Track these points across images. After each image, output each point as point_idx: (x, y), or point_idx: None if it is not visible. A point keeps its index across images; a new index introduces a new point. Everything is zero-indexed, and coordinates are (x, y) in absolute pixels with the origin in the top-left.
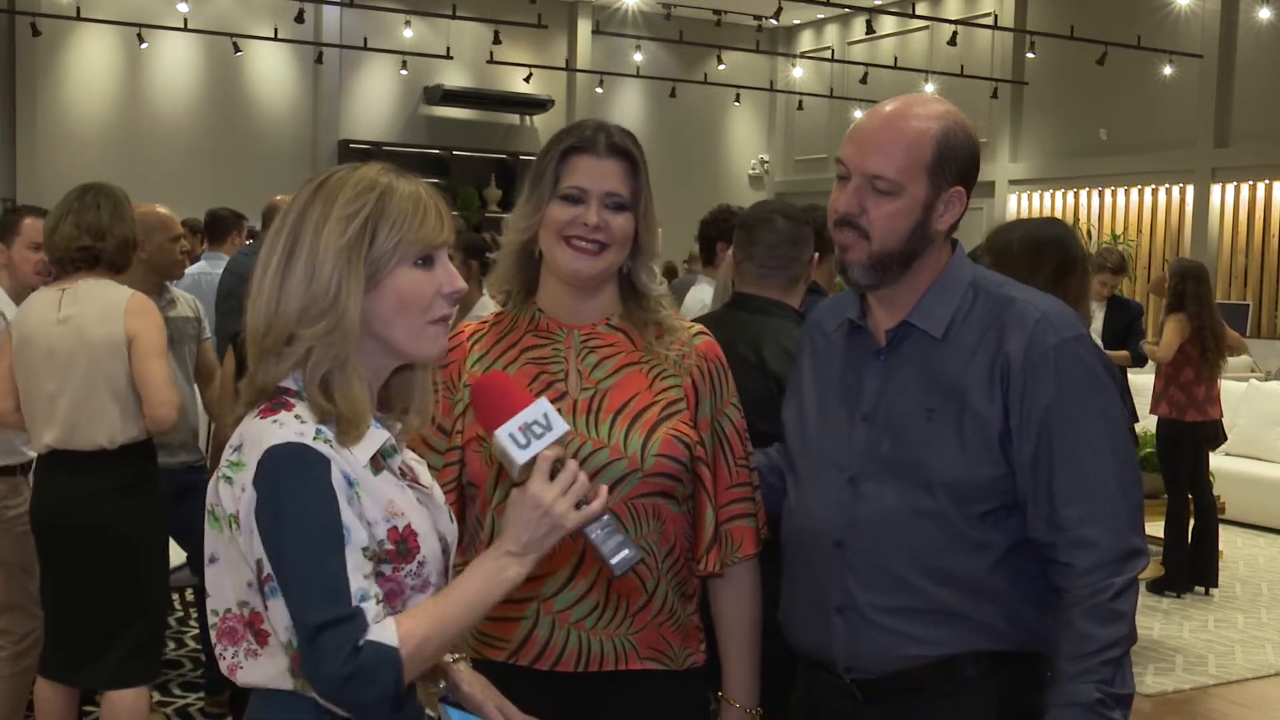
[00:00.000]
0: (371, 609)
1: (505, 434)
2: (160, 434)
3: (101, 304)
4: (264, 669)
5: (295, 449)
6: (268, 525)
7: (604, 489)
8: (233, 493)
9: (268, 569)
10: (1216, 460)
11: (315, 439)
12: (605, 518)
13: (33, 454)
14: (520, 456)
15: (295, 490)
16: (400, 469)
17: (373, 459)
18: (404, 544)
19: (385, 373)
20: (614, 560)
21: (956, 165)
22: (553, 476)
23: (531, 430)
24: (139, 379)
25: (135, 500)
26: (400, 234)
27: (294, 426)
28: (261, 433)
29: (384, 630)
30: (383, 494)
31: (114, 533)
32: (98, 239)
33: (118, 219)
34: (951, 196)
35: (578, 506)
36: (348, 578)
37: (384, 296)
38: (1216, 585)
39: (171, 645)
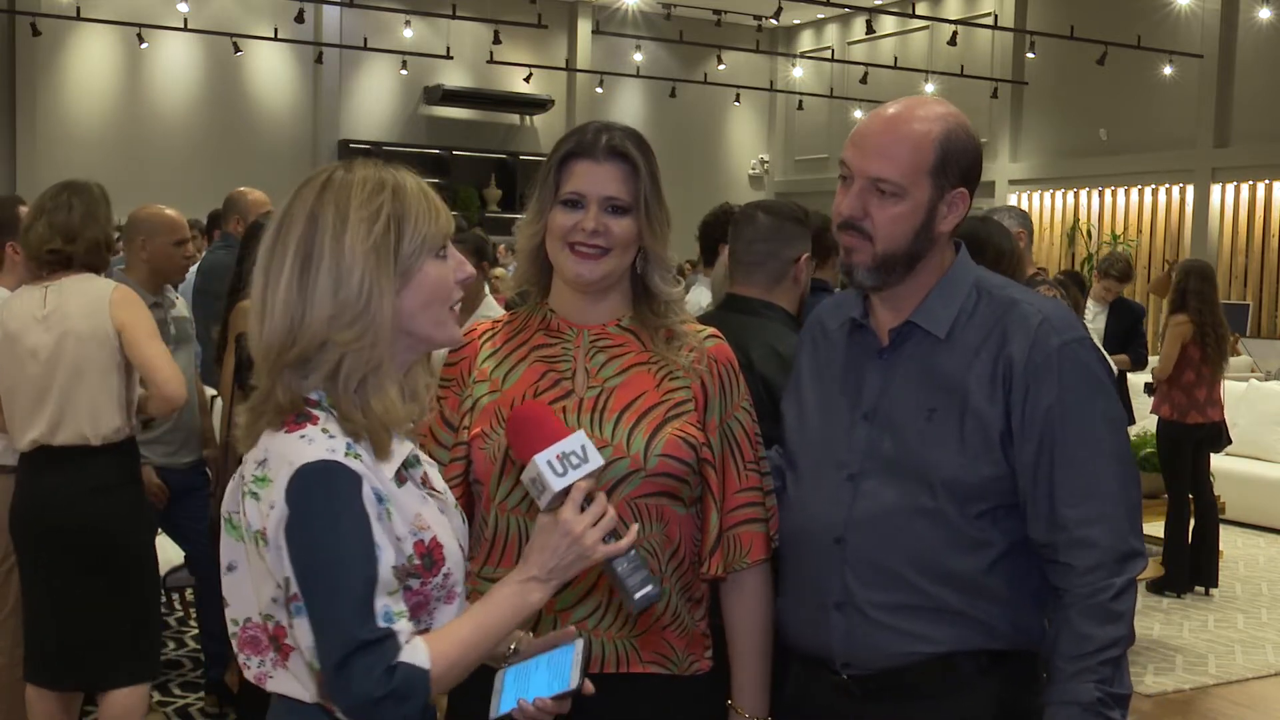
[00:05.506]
0: (404, 629)
1: (544, 460)
2: (170, 414)
3: (86, 298)
4: (290, 681)
5: (326, 467)
6: (298, 546)
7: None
8: (260, 509)
9: (295, 588)
10: (1216, 460)
11: (346, 455)
12: (632, 553)
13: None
14: (557, 484)
15: (327, 512)
16: (421, 478)
17: (396, 472)
18: (430, 556)
19: (407, 367)
20: (637, 595)
21: (959, 167)
22: (582, 509)
23: (569, 460)
24: (140, 363)
25: (118, 499)
26: (425, 229)
27: (324, 443)
28: (289, 449)
29: (415, 652)
30: (410, 508)
31: (96, 531)
32: (68, 241)
33: (90, 220)
34: (954, 198)
35: (605, 540)
36: (376, 599)
37: (414, 292)
38: (1216, 585)
39: (171, 645)
